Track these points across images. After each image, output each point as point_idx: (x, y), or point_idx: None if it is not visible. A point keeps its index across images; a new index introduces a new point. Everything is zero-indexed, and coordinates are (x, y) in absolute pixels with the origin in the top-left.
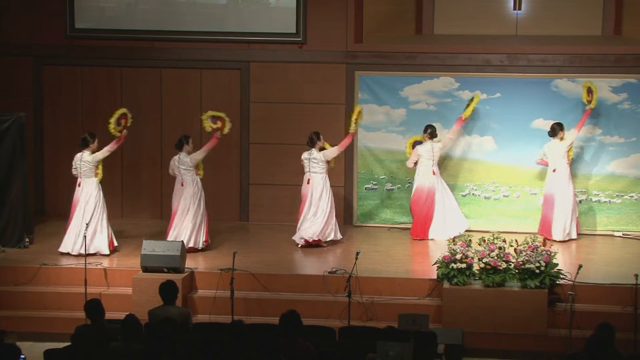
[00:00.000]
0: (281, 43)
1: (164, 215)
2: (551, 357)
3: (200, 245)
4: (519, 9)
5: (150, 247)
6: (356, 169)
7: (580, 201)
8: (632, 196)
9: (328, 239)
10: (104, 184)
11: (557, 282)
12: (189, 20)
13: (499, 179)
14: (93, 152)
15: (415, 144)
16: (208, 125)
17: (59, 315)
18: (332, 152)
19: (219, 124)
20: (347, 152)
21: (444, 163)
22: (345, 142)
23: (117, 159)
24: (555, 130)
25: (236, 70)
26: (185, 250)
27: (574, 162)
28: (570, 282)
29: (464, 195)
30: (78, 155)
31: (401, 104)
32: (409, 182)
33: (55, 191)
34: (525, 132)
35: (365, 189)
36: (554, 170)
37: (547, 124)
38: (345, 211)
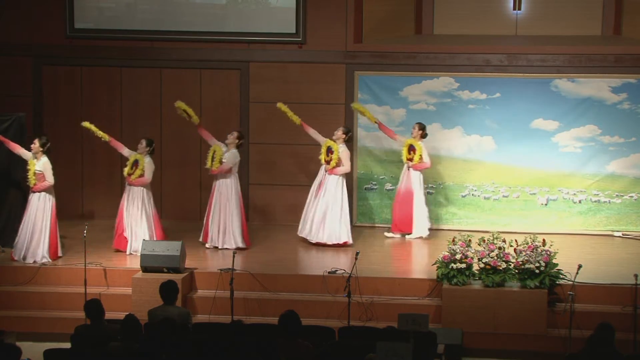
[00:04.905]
0: (281, 43)
1: (164, 215)
2: (551, 357)
3: None
4: (519, 9)
5: (150, 247)
6: (356, 169)
7: (580, 201)
8: (631, 196)
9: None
10: (104, 183)
11: (557, 282)
12: (189, 20)
13: (498, 179)
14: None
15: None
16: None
17: (58, 315)
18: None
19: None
20: None
21: (443, 163)
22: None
23: (117, 159)
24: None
25: (236, 70)
26: (185, 251)
27: (572, 162)
28: (570, 282)
29: (464, 196)
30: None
31: (401, 104)
32: None
33: (55, 191)
34: (524, 132)
35: (365, 189)
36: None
37: (546, 124)
38: None
